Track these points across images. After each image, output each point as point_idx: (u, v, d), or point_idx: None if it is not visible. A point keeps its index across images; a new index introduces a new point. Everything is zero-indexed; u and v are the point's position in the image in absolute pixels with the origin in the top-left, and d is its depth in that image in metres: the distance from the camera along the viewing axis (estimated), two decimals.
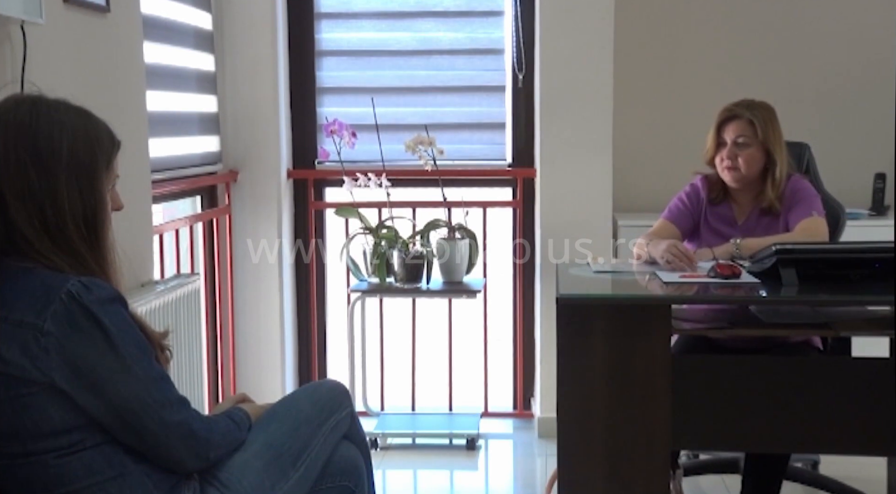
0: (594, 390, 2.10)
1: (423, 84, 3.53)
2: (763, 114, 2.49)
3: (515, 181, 3.54)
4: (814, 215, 2.45)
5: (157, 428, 1.43)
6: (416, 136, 3.12)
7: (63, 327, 1.38)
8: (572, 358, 2.10)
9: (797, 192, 2.50)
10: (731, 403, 2.14)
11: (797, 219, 2.45)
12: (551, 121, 3.34)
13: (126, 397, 1.41)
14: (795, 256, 2.14)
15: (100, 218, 1.48)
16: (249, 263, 3.38)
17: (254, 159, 3.37)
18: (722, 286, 2.16)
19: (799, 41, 3.63)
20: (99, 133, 1.50)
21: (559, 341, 2.12)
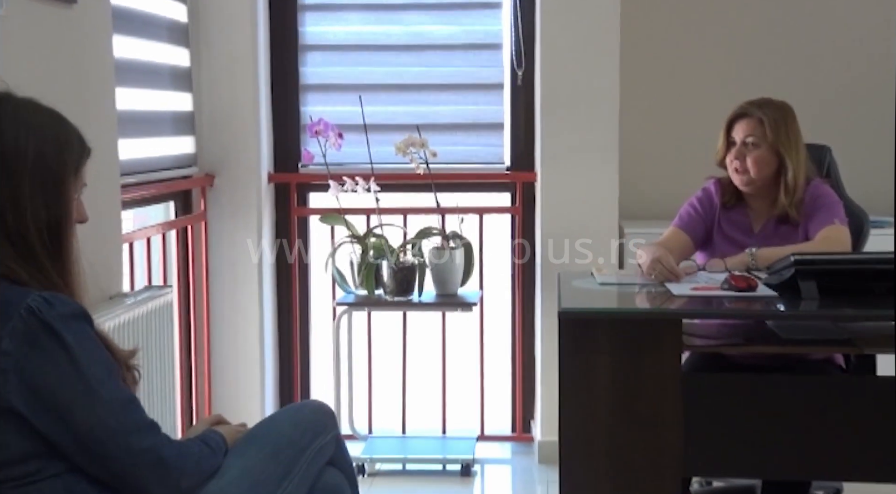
0: (599, 411, 2.10)
1: (414, 81, 3.53)
2: (775, 113, 2.49)
3: (514, 186, 3.54)
4: (836, 223, 2.45)
5: (123, 456, 1.42)
6: (408, 138, 3.12)
7: (22, 346, 1.37)
8: (576, 377, 2.10)
9: (817, 199, 2.51)
10: (747, 426, 2.13)
11: (818, 227, 2.46)
12: (553, 121, 3.34)
13: (90, 422, 1.40)
14: (815, 267, 2.14)
15: (64, 227, 1.47)
16: (226, 274, 3.37)
17: (232, 162, 3.36)
18: (737, 299, 2.16)
19: (820, 37, 3.64)
20: (69, 137, 1.49)
21: (561, 359, 2.12)
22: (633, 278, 2.46)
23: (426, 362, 3.64)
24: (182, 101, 3.23)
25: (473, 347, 3.58)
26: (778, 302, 2.14)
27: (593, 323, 2.10)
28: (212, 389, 3.38)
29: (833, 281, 2.14)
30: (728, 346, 2.26)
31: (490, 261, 3.56)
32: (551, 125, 3.35)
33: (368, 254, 3.15)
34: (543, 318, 3.40)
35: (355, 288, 3.22)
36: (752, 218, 2.58)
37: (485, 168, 3.56)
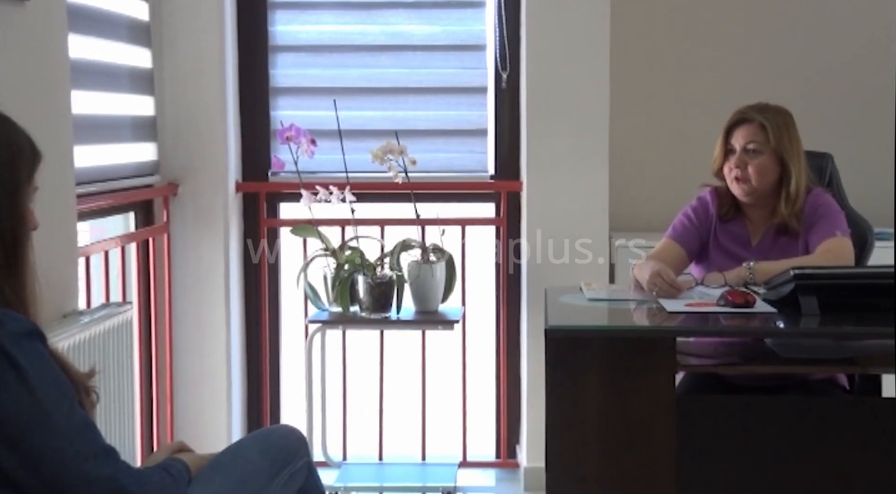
0: (588, 435, 2.10)
1: (392, 84, 3.54)
2: (777, 118, 2.52)
3: (498, 196, 3.55)
4: (837, 235, 2.47)
5: (79, 485, 1.41)
6: (385, 144, 3.12)
7: None
8: (564, 399, 2.10)
9: (818, 209, 2.53)
10: (745, 451, 2.15)
11: (818, 239, 2.48)
12: (539, 127, 3.36)
13: (43, 448, 1.39)
14: (816, 282, 2.16)
15: (20, 238, 1.47)
16: (190, 290, 3.36)
17: (197, 170, 3.35)
18: (733, 316, 2.17)
19: (819, 37, 3.67)
20: (20, 142, 1.49)
21: (548, 379, 2.12)
22: (624, 293, 2.47)
23: (405, 383, 3.63)
24: (143, 105, 3.22)
25: (455, 367, 3.57)
26: (777, 319, 2.16)
27: (582, 341, 2.11)
28: (174, 413, 3.36)
29: (835, 297, 2.16)
30: (725, 366, 2.28)
31: (473, 276, 3.56)
32: (538, 131, 3.37)
33: (343, 269, 3.15)
34: (529, 336, 3.41)
35: (329, 304, 3.21)
36: (749, 229, 2.60)
37: (467, 176, 3.57)
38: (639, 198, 3.64)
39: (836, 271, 2.25)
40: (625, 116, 3.58)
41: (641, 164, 3.69)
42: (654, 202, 3.57)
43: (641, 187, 3.67)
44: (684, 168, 3.36)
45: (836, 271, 2.25)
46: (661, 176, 3.67)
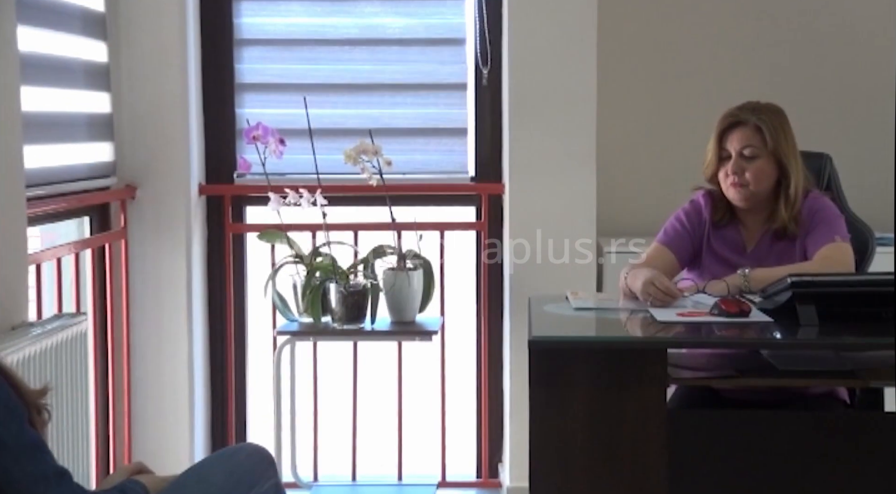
0: (575, 453, 2.10)
1: (366, 80, 3.53)
2: (772, 118, 2.53)
3: (479, 198, 3.55)
4: (837, 240, 2.49)
5: None
6: (359, 144, 3.12)
7: None
8: (548, 415, 2.10)
9: (817, 213, 2.55)
10: (740, 468, 2.16)
11: (817, 244, 2.50)
12: (522, 126, 3.37)
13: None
14: (815, 290, 2.17)
15: None
16: (150, 300, 3.34)
17: (156, 171, 3.33)
18: (728, 326, 2.18)
19: (816, 35, 3.70)
20: None
21: (532, 393, 2.13)
22: (612, 302, 2.48)
23: (380, 398, 3.63)
24: (99, 102, 3.20)
25: (434, 381, 3.57)
26: (773, 329, 2.17)
27: (568, 353, 2.11)
28: (132, 432, 3.34)
29: (834, 306, 2.18)
30: (718, 379, 2.28)
31: (452, 284, 3.56)
32: (521, 130, 3.37)
33: (314, 276, 3.14)
34: (513, 348, 3.41)
35: (299, 314, 3.20)
36: (744, 235, 2.61)
37: (446, 178, 3.57)
38: (628, 200, 3.65)
39: (836, 278, 2.27)
40: (613, 114, 3.60)
41: (630, 165, 3.70)
42: (645, 205, 3.58)
43: (631, 189, 3.68)
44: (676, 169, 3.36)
45: (836, 278, 2.27)
46: (652, 177, 3.68)
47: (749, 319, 2.19)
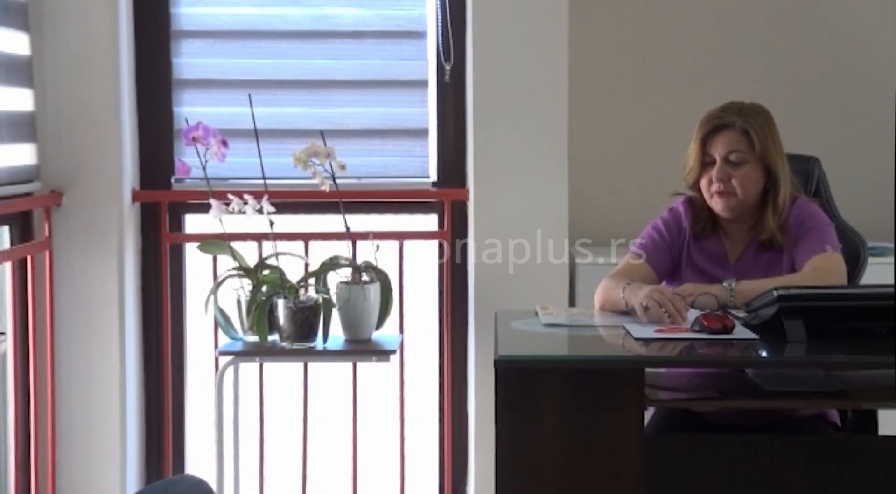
0: (545, 480, 2.10)
1: (318, 76, 3.53)
2: (759, 120, 2.55)
3: (442, 206, 3.55)
4: (828, 250, 2.52)
5: None
6: (309, 146, 3.10)
7: None
8: (516, 439, 2.10)
9: (805, 221, 2.57)
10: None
11: (806, 255, 2.52)
12: (488, 126, 3.38)
13: None
14: (803, 304, 2.19)
15: None
16: (77, 318, 3.32)
17: (85, 176, 3.31)
18: (710, 343, 2.19)
19: (802, 29, 3.76)
20: None
21: (499, 416, 2.12)
22: (586, 318, 2.48)
23: (333, 423, 3.62)
24: (20, 99, 3.18)
25: (392, 404, 3.56)
26: (759, 347, 2.18)
27: (537, 373, 2.12)
28: (56, 462, 3.30)
29: (825, 321, 2.20)
30: (700, 401, 2.30)
31: (412, 299, 3.56)
32: (486, 131, 3.38)
33: (260, 291, 3.12)
34: (478, 367, 3.41)
35: (243, 333, 3.17)
36: (727, 246, 2.63)
37: (405, 184, 3.57)
38: (603, 207, 3.67)
39: (825, 291, 2.29)
40: (587, 113, 3.62)
41: (605, 169, 3.72)
42: (621, 213, 3.60)
43: (606, 195, 3.70)
44: (654, 173, 3.40)
45: (825, 291, 2.29)
46: (629, 182, 3.71)
47: (733, 336, 2.20)
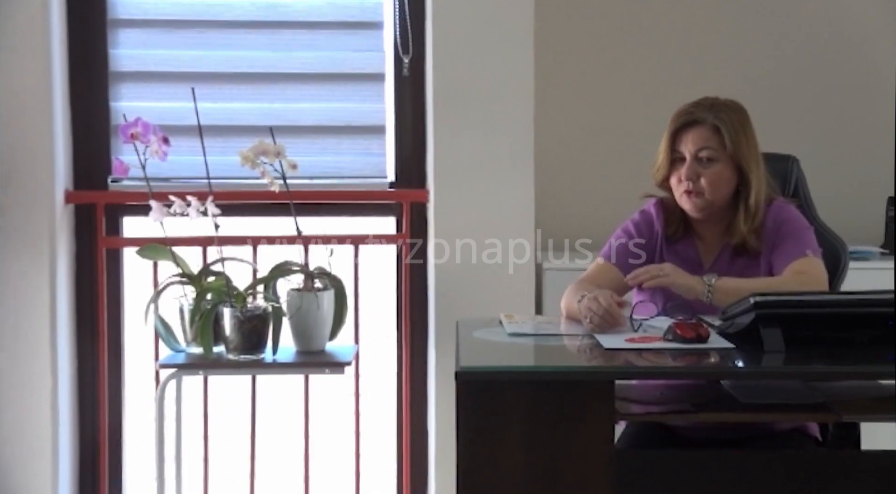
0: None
1: (267, 69, 3.53)
2: (733, 117, 2.57)
3: (400, 207, 3.55)
4: (808, 255, 2.54)
5: None
6: (258, 144, 3.09)
7: None
8: (479, 455, 2.10)
9: (783, 224, 2.60)
10: None
11: (785, 260, 2.54)
12: (449, 123, 3.38)
13: None
14: (781, 311, 2.20)
15: None
16: (5, 329, 3.30)
17: (13, 176, 3.29)
18: (683, 353, 2.20)
19: (782, 23, 3.79)
20: None
21: (460, 431, 2.12)
22: (552, 327, 2.49)
23: (284, 439, 3.60)
24: None
25: (347, 419, 3.55)
26: (735, 357, 2.20)
27: (501, 385, 2.11)
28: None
29: (804, 329, 2.21)
30: (673, 414, 2.30)
31: (369, 307, 3.55)
32: (447, 128, 3.38)
33: (204, 299, 3.10)
34: (438, 379, 3.42)
35: (186, 344, 3.15)
36: (700, 250, 2.65)
37: (361, 184, 3.56)
38: (571, 208, 3.69)
39: (804, 298, 2.30)
40: (553, 110, 3.63)
41: (574, 169, 3.74)
42: (590, 214, 3.62)
43: (574, 196, 3.72)
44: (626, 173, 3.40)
45: (804, 298, 2.30)
46: (599, 182, 3.73)
47: (707, 345, 2.22)
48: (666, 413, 2.30)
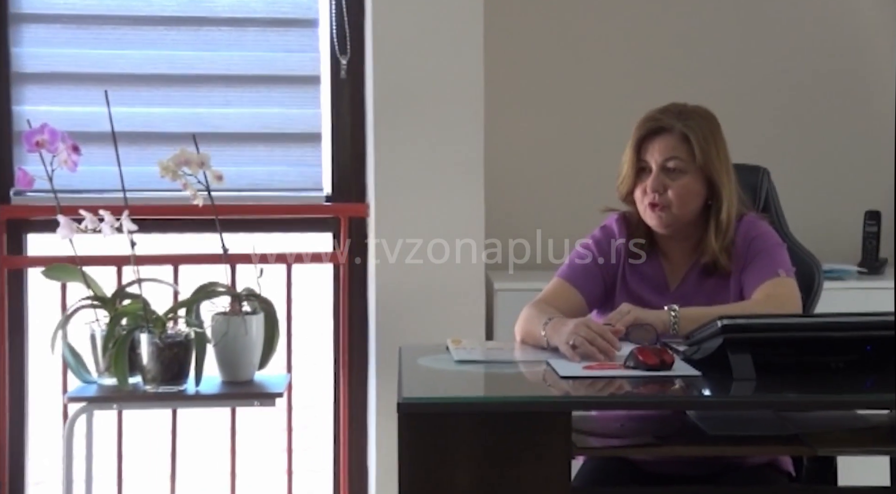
0: None
1: (190, 71, 3.52)
2: (702, 125, 2.59)
3: (338, 223, 3.55)
4: (780, 275, 2.56)
5: None
6: (179, 153, 3.07)
7: None
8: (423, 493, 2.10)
9: (754, 241, 2.62)
10: None
11: (756, 280, 2.56)
12: (391, 130, 3.39)
13: None
14: (751, 335, 2.22)
15: None
16: None
17: None
18: (646, 381, 2.21)
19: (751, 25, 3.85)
20: None
21: (402, 468, 2.11)
22: (504, 353, 2.49)
23: (208, 480, 3.58)
24: None
25: (279, 455, 3.54)
26: (701, 385, 2.21)
27: (448, 418, 2.11)
28: None
29: (776, 355, 2.23)
30: (635, 448, 2.31)
31: (303, 332, 3.55)
32: (389, 135, 3.39)
33: (119, 325, 3.08)
34: (379, 411, 3.42)
35: (98, 375, 3.12)
36: (666, 269, 2.67)
37: (294, 197, 3.56)
38: (526, 225, 3.70)
39: (776, 322, 2.32)
40: (506, 116, 3.65)
41: (529, 181, 3.76)
42: (546, 230, 3.63)
43: (529, 211, 3.73)
44: (585, 186, 3.45)
45: (776, 322, 2.32)
46: (556, 196, 3.75)
47: (672, 373, 2.23)
48: (627, 446, 2.31)
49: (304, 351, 3.57)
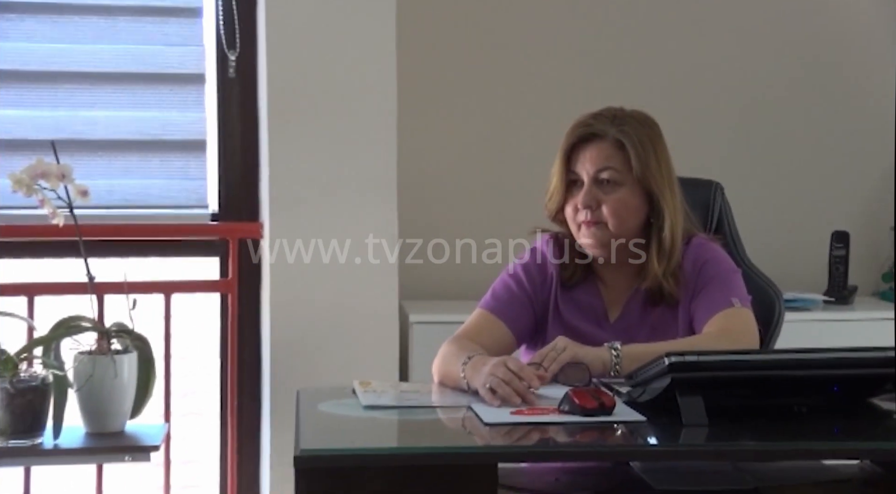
0: None
1: (49, 67, 3.50)
2: (640, 131, 2.61)
3: (226, 245, 3.53)
4: (735, 305, 2.58)
5: None
6: (35, 163, 3.04)
7: None
8: None
9: (705, 266, 2.64)
10: None
11: (708, 312, 2.58)
12: (289, 138, 3.39)
13: None
14: (702, 374, 2.24)
15: None
16: None
17: None
18: (583, 428, 2.22)
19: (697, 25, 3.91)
20: None
21: None
22: (420, 397, 2.49)
23: None
24: None
25: None
26: (646, 432, 2.22)
27: (353, 472, 2.10)
28: None
29: (730, 397, 2.25)
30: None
31: (184, 374, 3.53)
32: (286, 144, 3.39)
33: None
34: (274, 466, 3.41)
35: None
36: (605, 298, 2.69)
37: (174, 216, 3.55)
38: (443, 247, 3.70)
39: (731, 358, 2.32)
40: (421, 124, 3.66)
41: (446, 198, 3.78)
42: (466, 255, 3.64)
43: (447, 231, 3.73)
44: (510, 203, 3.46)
45: (731, 358, 2.32)
46: (477, 214, 3.76)
47: (613, 418, 2.24)
48: None
49: (185, 397, 3.54)
